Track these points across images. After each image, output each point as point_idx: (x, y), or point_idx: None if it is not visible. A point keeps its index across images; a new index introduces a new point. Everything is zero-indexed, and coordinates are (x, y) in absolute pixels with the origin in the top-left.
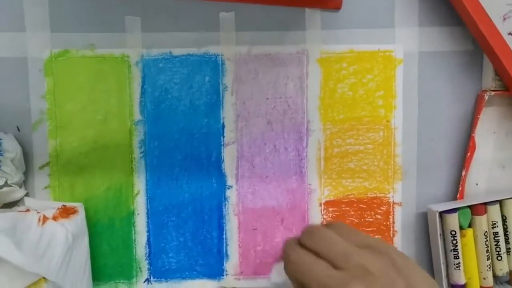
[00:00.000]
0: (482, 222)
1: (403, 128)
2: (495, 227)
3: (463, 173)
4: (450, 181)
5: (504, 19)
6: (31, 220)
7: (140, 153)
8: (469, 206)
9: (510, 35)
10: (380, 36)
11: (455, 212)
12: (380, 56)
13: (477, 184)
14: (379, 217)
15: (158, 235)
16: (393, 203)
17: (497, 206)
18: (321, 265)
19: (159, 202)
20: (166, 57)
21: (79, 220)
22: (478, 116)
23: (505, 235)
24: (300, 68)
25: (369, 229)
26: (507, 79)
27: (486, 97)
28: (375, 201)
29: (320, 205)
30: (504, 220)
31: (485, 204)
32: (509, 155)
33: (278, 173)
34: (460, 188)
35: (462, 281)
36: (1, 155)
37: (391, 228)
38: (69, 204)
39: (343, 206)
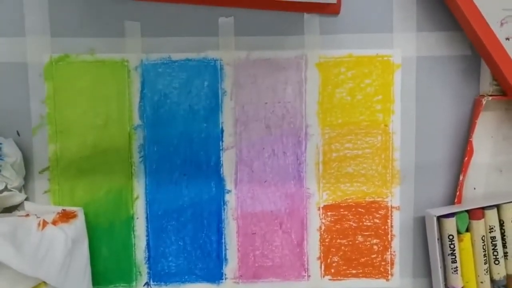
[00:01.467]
0: (479, 226)
1: (401, 133)
2: (492, 231)
3: (461, 177)
4: (448, 185)
5: (502, 24)
6: (31, 225)
7: (140, 157)
8: (467, 211)
9: (507, 40)
10: (378, 41)
11: (453, 217)
12: (378, 61)
13: (474, 188)
14: (377, 221)
15: (158, 239)
16: (391, 207)
17: (494, 210)
18: None
19: (159, 206)
20: (165, 61)
21: (78, 224)
22: (476, 121)
23: (503, 239)
24: (299, 73)
25: (367, 233)
26: (505, 84)
27: (484, 102)
28: (373, 205)
29: (319, 209)
30: (501, 224)
31: (483, 208)
32: (506, 160)
33: (277, 177)
34: (458, 193)
35: (459, 285)
36: (1, 159)
37: (389, 232)
38: (69, 209)
39: (342, 210)
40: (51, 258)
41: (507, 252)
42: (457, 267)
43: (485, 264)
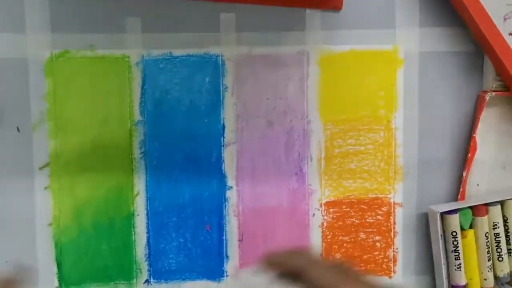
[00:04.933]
0: (483, 223)
1: (403, 129)
2: (496, 228)
3: (464, 174)
4: (451, 181)
5: (505, 19)
6: None
7: (140, 153)
8: (470, 207)
9: (511, 36)
10: (381, 37)
11: (456, 213)
12: (381, 56)
13: (478, 184)
14: (380, 217)
15: (158, 236)
16: (394, 203)
17: (498, 207)
18: None
19: (159, 202)
20: (166, 57)
21: None
22: (479, 117)
23: (506, 236)
24: (301, 69)
25: (370, 229)
26: (508, 79)
27: (487, 98)
28: (376, 201)
29: (321, 205)
30: (505, 221)
31: (486, 205)
32: (509, 156)
33: (279, 173)
34: (461, 189)
35: (463, 282)
36: None
37: (392, 229)
38: None
39: (344, 206)
40: None
41: (510, 249)
42: (460, 264)
43: (488, 261)
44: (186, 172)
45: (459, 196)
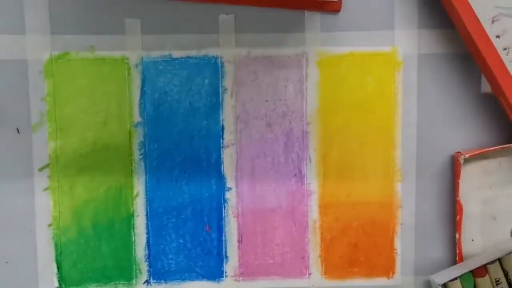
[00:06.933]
0: (485, 283)
1: (402, 130)
2: (499, 283)
3: (457, 236)
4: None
5: (493, 21)
6: None
7: (140, 155)
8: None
9: (497, 38)
10: (380, 38)
11: (457, 279)
12: (379, 58)
13: (472, 240)
14: (379, 219)
15: (158, 236)
16: (393, 205)
17: (497, 263)
18: None
19: (159, 203)
20: (165, 59)
21: None
22: (459, 181)
23: None
24: (300, 71)
25: (368, 231)
26: (492, 81)
27: (462, 161)
28: (374, 203)
29: (320, 207)
30: (506, 275)
31: (485, 264)
32: (497, 206)
33: (278, 175)
34: (458, 251)
35: None
36: None
37: (391, 230)
38: None
39: (342, 208)
40: None
41: None
42: None
43: None
44: (186, 173)
45: (457, 258)
